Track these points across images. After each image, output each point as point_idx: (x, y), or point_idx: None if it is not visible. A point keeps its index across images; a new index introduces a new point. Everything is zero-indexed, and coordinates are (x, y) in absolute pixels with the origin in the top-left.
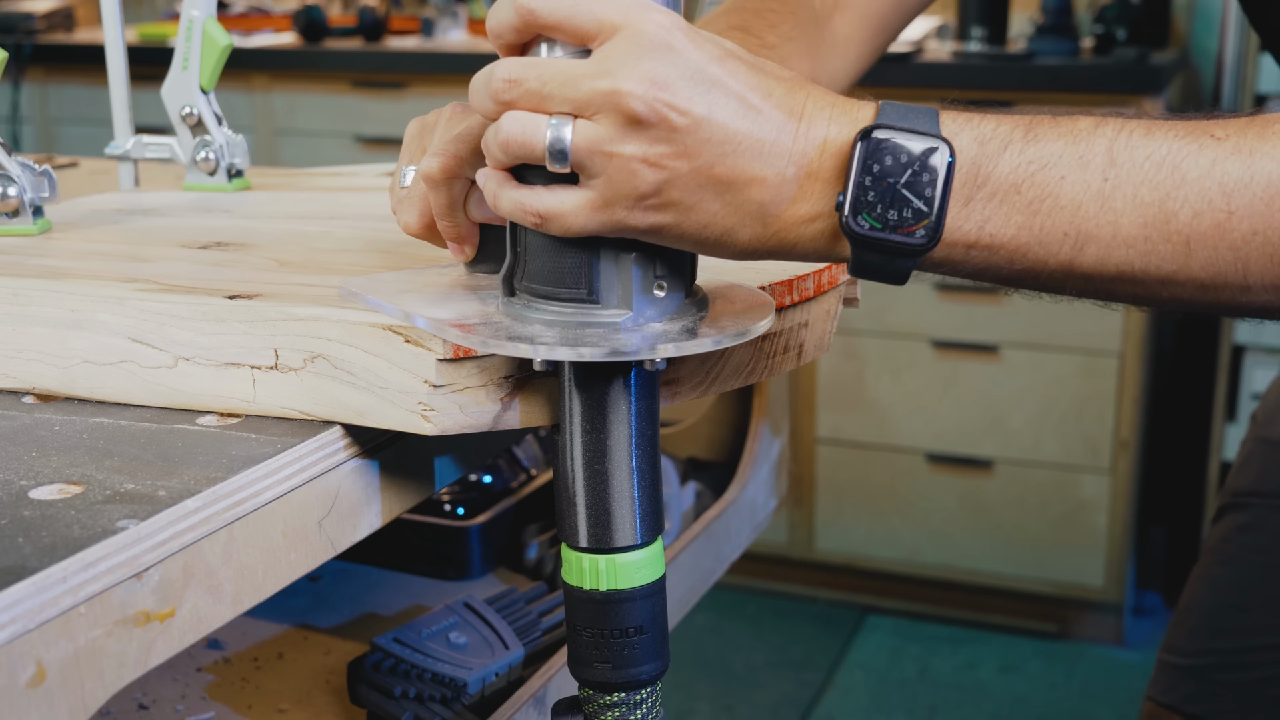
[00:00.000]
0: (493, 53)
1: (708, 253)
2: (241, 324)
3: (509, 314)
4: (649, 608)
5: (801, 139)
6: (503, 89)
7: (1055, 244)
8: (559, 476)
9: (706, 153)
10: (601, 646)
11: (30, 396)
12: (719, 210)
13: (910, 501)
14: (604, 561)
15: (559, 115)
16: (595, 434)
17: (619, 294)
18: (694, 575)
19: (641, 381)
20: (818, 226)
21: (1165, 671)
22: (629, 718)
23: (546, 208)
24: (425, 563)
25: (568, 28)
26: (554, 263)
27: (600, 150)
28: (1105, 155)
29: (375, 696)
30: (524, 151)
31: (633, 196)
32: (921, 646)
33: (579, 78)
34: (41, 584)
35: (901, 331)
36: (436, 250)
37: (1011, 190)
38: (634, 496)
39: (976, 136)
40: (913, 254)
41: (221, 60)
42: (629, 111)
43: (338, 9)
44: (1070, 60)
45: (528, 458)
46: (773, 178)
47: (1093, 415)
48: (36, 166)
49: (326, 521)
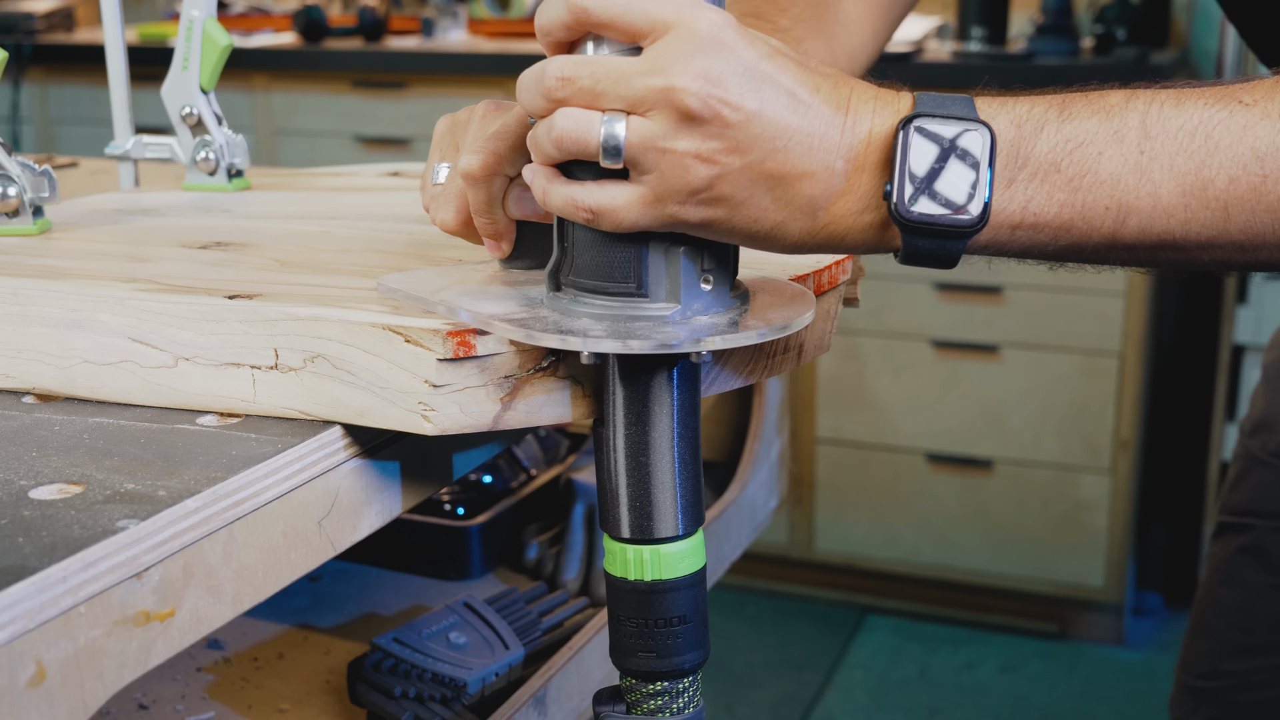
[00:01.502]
0: (490, 53)
1: (757, 247)
2: (241, 324)
3: (555, 308)
4: (691, 597)
5: (849, 133)
6: (556, 86)
7: (1098, 218)
8: (602, 469)
9: (758, 148)
10: (646, 636)
11: (30, 396)
12: (770, 205)
13: (910, 501)
14: (648, 552)
15: (612, 112)
16: (640, 426)
17: (667, 287)
18: None
19: (685, 374)
20: (867, 218)
21: (1186, 693)
22: (671, 706)
23: (598, 203)
24: (425, 563)
25: (620, 25)
26: (603, 257)
27: (654, 146)
28: (1139, 128)
29: (375, 696)
30: (578, 147)
31: (685, 192)
32: (921, 646)
33: (633, 75)
34: (41, 584)
35: (901, 331)
36: (438, 251)
37: (1052, 169)
38: (677, 488)
39: (1013, 119)
40: (963, 235)
41: (221, 60)
42: (683, 107)
43: (338, 9)
44: (1070, 60)
45: (528, 458)
46: (822, 172)
47: (1093, 415)
48: (36, 166)
49: (326, 521)
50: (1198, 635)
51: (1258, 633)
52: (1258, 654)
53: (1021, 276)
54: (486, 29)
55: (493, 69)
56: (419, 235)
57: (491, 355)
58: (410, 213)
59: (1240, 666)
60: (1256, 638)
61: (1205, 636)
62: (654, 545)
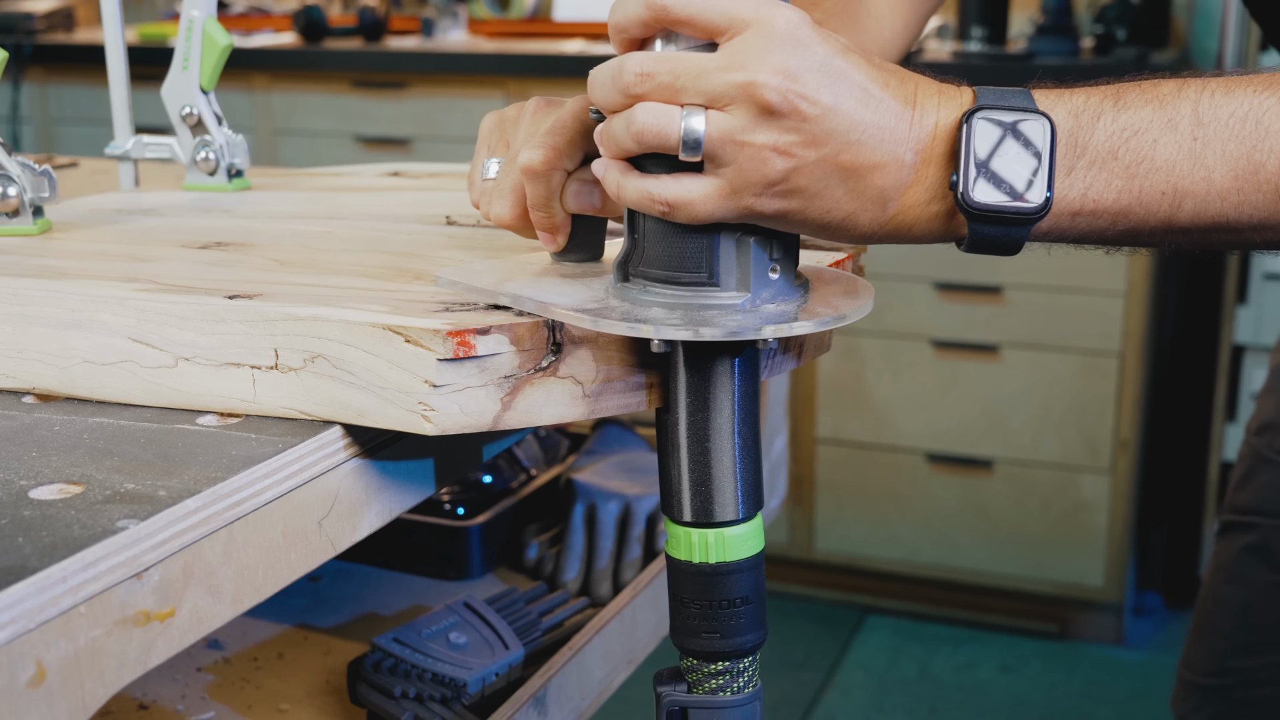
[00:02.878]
0: (490, 53)
1: (827, 237)
2: (241, 324)
3: (624, 298)
4: (753, 579)
5: (917, 126)
6: (635, 82)
7: (1154, 203)
8: (666, 455)
9: (833, 141)
10: (710, 617)
11: (30, 396)
12: (842, 196)
13: (910, 501)
14: (713, 535)
15: (690, 106)
16: (705, 412)
17: (738, 277)
18: None
19: (749, 361)
20: (934, 208)
21: (1190, 690)
22: (731, 686)
23: (675, 196)
24: (425, 563)
25: (700, 23)
26: (674, 248)
27: (733, 139)
28: (1192, 116)
29: (375, 696)
30: (658, 141)
31: (762, 184)
32: (921, 646)
33: (712, 70)
34: (41, 584)
35: (901, 331)
36: (438, 251)
37: (1109, 157)
38: (741, 472)
39: (1070, 110)
40: (1027, 222)
41: (221, 60)
42: (763, 102)
43: (338, 9)
44: (1070, 60)
45: (528, 458)
46: (893, 164)
47: (1093, 415)
48: (36, 166)
49: (326, 521)
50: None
51: (1263, 630)
52: (1263, 651)
53: (1021, 276)
54: (486, 29)
55: (493, 69)
56: (419, 235)
57: (491, 355)
58: (410, 213)
59: (1245, 664)
60: (1262, 635)
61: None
62: (717, 529)
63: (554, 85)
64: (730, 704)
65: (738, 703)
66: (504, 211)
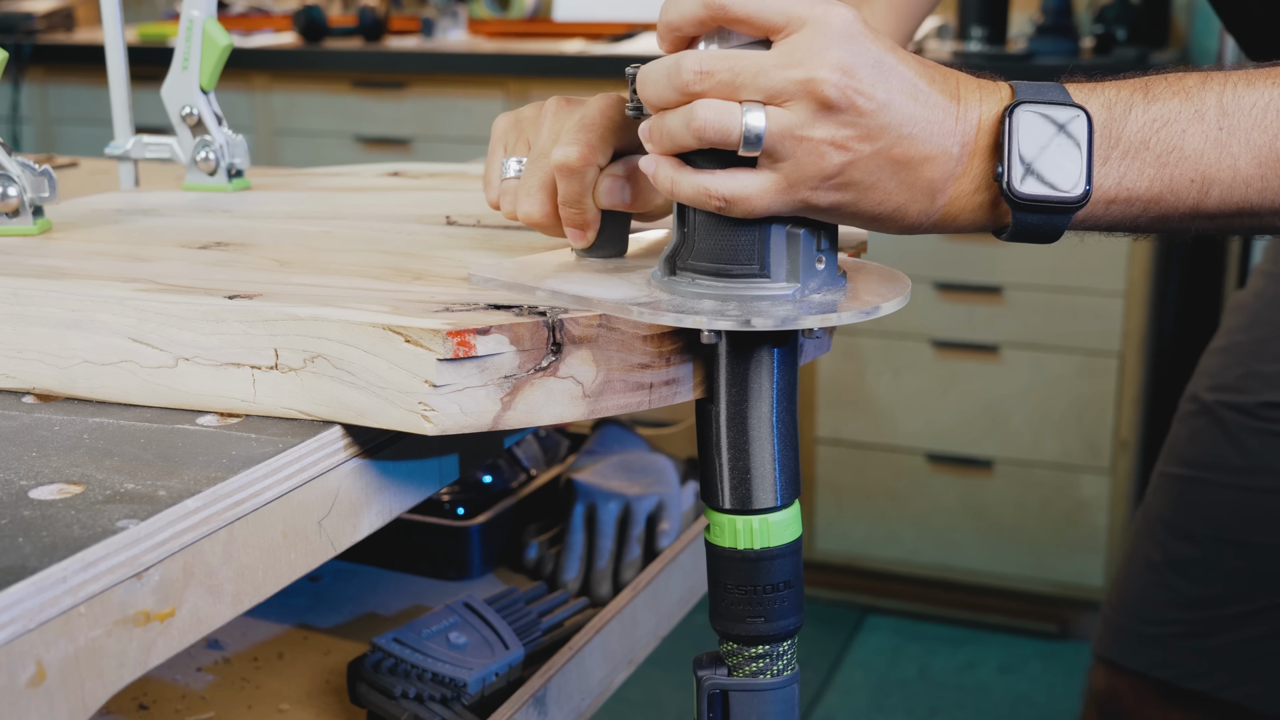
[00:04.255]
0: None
1: (876, 228)
2: (241, 324)
3: (672, 291)
4: (794, 564)
5: (962, 119)
6: (694, 80)
7: (1184, 190)
8: (710, 445)
9: (886, 135)
10: (753, 602)
11: (30, 396)
12: (894, 188)
13: (910, 501)
14: (757, 522)
15: (749, 103)
16: (752, 402)
17: (788, 268)
18: (694, 575)
19: (791, 350)
20: (979, 198)
21: (1126, 635)
22: (770, 669)
23: (731, 191)
24: (425, 563)
25: (758, 21)
26: (726, 240)
27: (792, 134)
28: (1217, 107)
29: (375, 696)
30: (719, 137)
31: (818, 177)
32: (921, 646)
33: (771, 68)
34: (41, 584)
35: (901, 331)
36: (439, 251)
37: (1141, 147)
38: (782, 459)
39: (1104, 102)
40: (1068, 210)
41: (221, 60)
42: (822, 97)
43: (338, 9)
44: (1070, 60)
45: (528, 458)
46: (941, 156)
47: (1093, 415)
48: (36, 166)
49: (326, 521)
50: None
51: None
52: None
53: (1021, 276)
54: (486, 29)
55: (493, 69)
56: (419, 235)
57: (491, 355)
58: (410, 213)
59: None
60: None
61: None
62: (761, 515)
63: (554, 85)
64: (770, 686)
65: (777, 685)
66: (533, 209)
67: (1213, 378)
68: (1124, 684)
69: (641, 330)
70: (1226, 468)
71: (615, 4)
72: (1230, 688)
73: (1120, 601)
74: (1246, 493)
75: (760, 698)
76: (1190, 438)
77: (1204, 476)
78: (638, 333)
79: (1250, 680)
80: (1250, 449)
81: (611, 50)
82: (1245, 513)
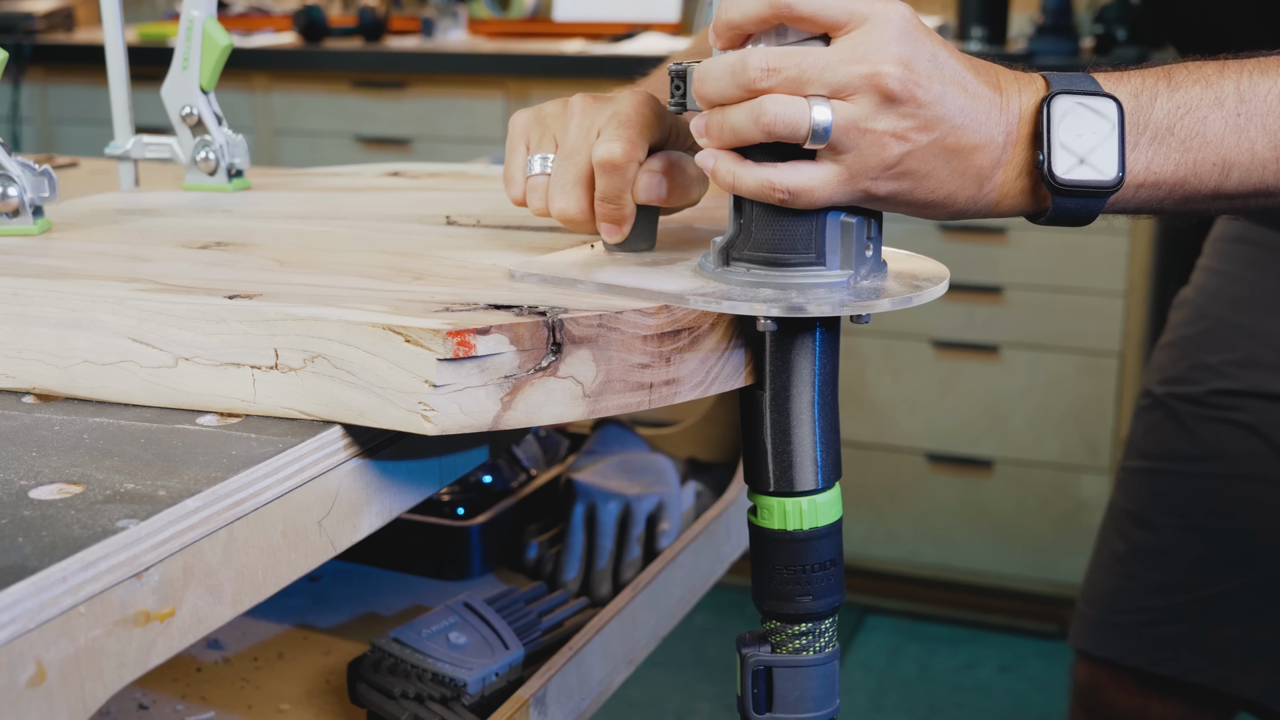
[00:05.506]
0: (490, 53)
1: (926, 215)
2: (241, 324)
3: (729, 281)
4: (838, 543)
5: (1005, 110)
6: (760, 76)
7: (1207, 173)
8: (760, 430)
9: (941, 126)
10: (802, 581)
11: (30, 396)
12: (947, 176)
13: (910, 501)
14: (805, 503)
15: (814, 97)
16: (799, 386)
17: (841, 256)
18: (694, 575)
19: (836, 335)
20: (1021, 184)
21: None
22: (813, 646)
23: (795, 184)
24: (425, 563)
25: (822, 19)
26: (784, 231)
27: (856, 127)
28: (1235, 94)
29: (375, 696)
30: (789, 131)
31: (879, 167)
32: (921, 646)
33: (836, 63)
34: (41, 584)
35: (901, 331)
36: (438, 251)
37: (1167, 133)
38: (825, 441)
39: (1131, 91)
40: (1103, 194)
41: (221, 60)
42: (886, 90)
43: (338, 9)
44: (1070, 60)
45: (528, 458)
46: (989, 145)
47: (1093, 415)
48: (36, 166)
49: (326, 521)
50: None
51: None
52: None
53: (1021, 276)
54: (486, 29)
55: (493, 69)
56: (419, 235)
57: (491, 355)
58: (410, 212)
59: (1157, 603)
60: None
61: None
62: (809, 496)
63: (554, 85)
64: (812, 662)
65: (819, 661)
66: (568, 205)
67: (1163, 371)
68: (1104, 675)
69: (641, 330)
70: (1182, 457)
71: (615, 4)
72: (1200, 671)
73: (1091, 595)
74: (1203, 480)
75: (803, 673)
76: (1146, 431)
77: (1161, 467)
78: (638, 333)
79: (1218, 663)
80: (1202, 437)
81: (611, 50)
82: (1202, 499)
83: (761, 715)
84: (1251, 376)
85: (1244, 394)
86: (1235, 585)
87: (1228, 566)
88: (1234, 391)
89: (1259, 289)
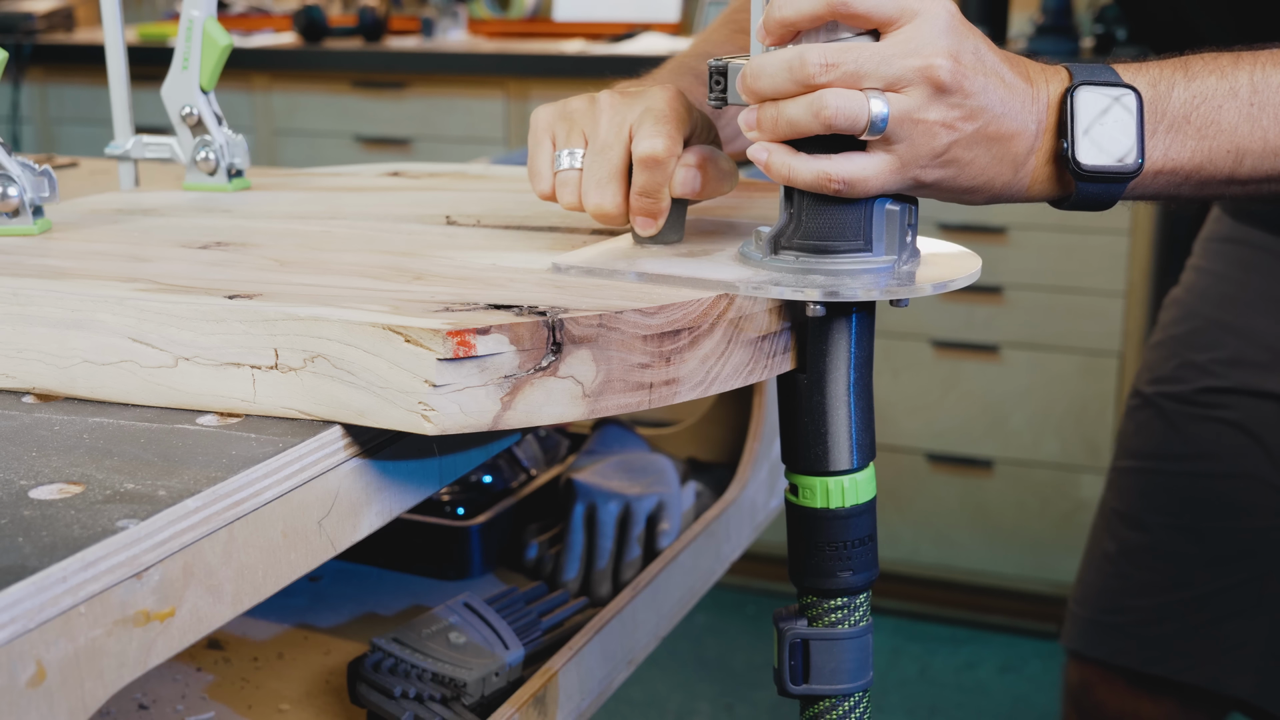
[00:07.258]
0: (490, 53)
1: (965, 200)
2: (241, 324)
3: (780, 269)
4: (874, 520)
5: (1037, 100)
6: (819, 72)
7: (1221, 160)
8: (803, 413)
9: (984, 115)
10: (842, 557)
11: (30, 396)
12: (987, 163)
13: (910, 501)
14: (847, 481)
15: (870, 90)
16: (839, 370)
17: (886, 242)
18: (694, 575)
19: (873, 319)
20: (1049, 170)
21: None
22: (849, 619)
23: (850, 174)
24: (425, 563)
25: (875, 16)
26: (834, 219)
27: (910, 117)
28: (1248, 85)
29: (375, 696)
30: (849, 123)
31: (929, 156)
32: (921, 646)
33: (891, 57)
34: (41, 584)
35: (901, 331)
36: (438, 251)
37: (1183, 121)
38: (861, 422)
39: (1149, 81)
40: (1124, 180)
41: (221, 60)
42: (938, 81)
43: (338, 9)
44: (1070, 60)
45: (528, 458)
46: (1024, 133)
47: (1093, 415)
48: (36, 166)
49: (326, 521)
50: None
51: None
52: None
53: (1022, 277)
54: (486, 29)
55: (493, 69)
56: (419, 235)
57: (491, 355)
58: (410, 212)
59: (1145, 603)
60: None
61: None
62: (849, 475)
63: (554, 85)
64: (848, 635)
65: (854, 634)
66: (605, 200)
67: (1152, 371)
68: (1094, 675)
69: (641, 330)
70: (1171, 455)
71: (615, 4)
72: (1189, 671)
73: (1082, 595)
74: (1192, 479)
75: (839, 645)
76: (1136, 430)
77: (1151, 466)
78: (637, 333)
79: (1207, 662)
80: (1191, 436)
81: (611, 50)
82: (1191, 498)
83: (799, 686)
84: (1239, 374)
85: (1232, 392)
86: (1226, 584)
87: (1218, 565)
88: (1222, 390)
89: (1247, 288)
